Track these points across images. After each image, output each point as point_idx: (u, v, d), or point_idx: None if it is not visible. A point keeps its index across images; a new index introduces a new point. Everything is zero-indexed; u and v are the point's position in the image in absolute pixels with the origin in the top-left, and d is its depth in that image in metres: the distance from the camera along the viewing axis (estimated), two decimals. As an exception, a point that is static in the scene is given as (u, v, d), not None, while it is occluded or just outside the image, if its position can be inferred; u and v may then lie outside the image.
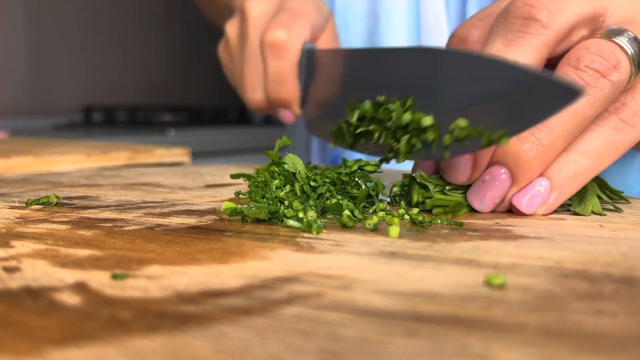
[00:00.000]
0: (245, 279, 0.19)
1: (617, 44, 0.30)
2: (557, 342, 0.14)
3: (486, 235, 0.26)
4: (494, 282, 0.19)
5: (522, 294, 0.18)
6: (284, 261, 0.21)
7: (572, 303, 0.17)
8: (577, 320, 0.16)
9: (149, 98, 1.76)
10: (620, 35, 0.30)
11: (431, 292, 0.18)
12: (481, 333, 0.15)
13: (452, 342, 0.14)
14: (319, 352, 0.13)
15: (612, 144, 0.30)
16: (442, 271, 0.20)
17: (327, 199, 0.31)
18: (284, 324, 0.15)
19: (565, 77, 0.24)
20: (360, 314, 0.16)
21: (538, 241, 0.25)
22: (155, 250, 0.23)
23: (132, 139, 1.14)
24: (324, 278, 0.19)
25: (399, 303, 0.17)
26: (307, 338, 0.14)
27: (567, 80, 0.25)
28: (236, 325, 0.15)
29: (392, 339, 0.14)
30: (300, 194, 0.31)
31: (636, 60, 0.30)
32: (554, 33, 0.30)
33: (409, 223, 0.29)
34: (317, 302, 0.17)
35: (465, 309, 0.16)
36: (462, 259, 0.22)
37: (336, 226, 0.28)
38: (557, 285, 0.19)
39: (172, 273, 0.20)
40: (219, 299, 0.17)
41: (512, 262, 0.21)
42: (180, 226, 0.27)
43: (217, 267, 0.20)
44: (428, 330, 0.15)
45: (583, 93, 0.25)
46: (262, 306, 0.16)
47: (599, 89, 0.29)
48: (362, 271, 0.20)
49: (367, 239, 0.25)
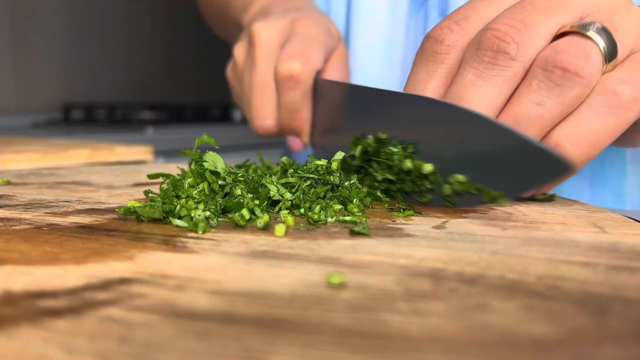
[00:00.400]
0: (85, 280, 0.19)
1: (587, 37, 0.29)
2: (344, 343, 0.14)
3: (372, 234, 0.25)
4: (333, 281, 0.18)
5: (354, 293, 0.18)
6: (145, 262, 0.21)
7: (397, 303, 0.17)
8: (385, 320, 0.15)
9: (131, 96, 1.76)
10: (591, 27, 0.30)
11: (264, 292, 0.18)
12: (276, 333, 0.14)
13: (236, 344, 0.14)
14: (94, 354, 0.13)
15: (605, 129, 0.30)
16: (296, 270, 0.20)
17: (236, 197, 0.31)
18: (85, 326, 0.15)
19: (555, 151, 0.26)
20: (170, 315, 0.16)
21: (419, 240, 0.24)
22: (23, 250, 0.22)
23: (110, 137, 1.15)
24: (166, 278, 0.19)
25: (221, 303, 0.17)
26: (93, 340, 0.14)
27: (557, 153, 0.26)
28: (37, 328, 0.15)
29: (179, 341, 0.14)
30: (208, 192, 0.31)
31: (607, 52, 0.30)
32: (522, 64, 0.30)
33: (304, 221, 0.28)
34: (137, 303, 0.17)
35: (284, 310, 0.16)
36: (328, 257, 0.22)
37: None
38: (398, 284, 0.18)
39: (19, 273, 0.19)
40: (41, 300, 0.17)
41: (373, 260, 0.21)
42: (71, 225, 0.27)
43: (70, 267, 0.20)
44: (224, 331, 0.15)
45: (572, 169, 0.25)
46: (77, 308, 0.16)
47: (568, 87, 0.29)
48: (212, 271, 0.20)
49: (250, 237, 0.25)
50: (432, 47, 0.34)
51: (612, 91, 0.30)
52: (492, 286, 0.18)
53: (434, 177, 0.30)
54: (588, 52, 0.29)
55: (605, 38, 0.30)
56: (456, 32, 0.33)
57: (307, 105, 0.45)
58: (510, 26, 0.30)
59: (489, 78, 0.31)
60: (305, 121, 0.46)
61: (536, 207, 0.32)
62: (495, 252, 0.22)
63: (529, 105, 0.30)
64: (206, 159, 0.34)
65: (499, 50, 0.30)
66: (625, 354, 0.14)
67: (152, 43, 1.85)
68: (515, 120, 0.30)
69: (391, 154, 0.31)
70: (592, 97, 0.30)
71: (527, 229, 0.26)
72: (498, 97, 0.30)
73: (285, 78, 0.44)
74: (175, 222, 0.27)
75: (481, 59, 0.31)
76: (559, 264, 0.21)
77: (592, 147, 0.30)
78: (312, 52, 0.44)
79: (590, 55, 0.29)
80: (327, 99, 0.43)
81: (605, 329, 0.15)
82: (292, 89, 0.44)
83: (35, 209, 0.31)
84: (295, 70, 0.43)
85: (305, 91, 0.44)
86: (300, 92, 0.44)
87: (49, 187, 0.38)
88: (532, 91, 0.30)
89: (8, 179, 0.41)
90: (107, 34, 1.72)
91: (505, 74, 0.30)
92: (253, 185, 0.32)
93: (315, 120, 0.46)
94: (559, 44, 0.30)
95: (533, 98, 0.30)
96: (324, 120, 0.44)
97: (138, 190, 0.38)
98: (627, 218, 0.29)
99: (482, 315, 0.16)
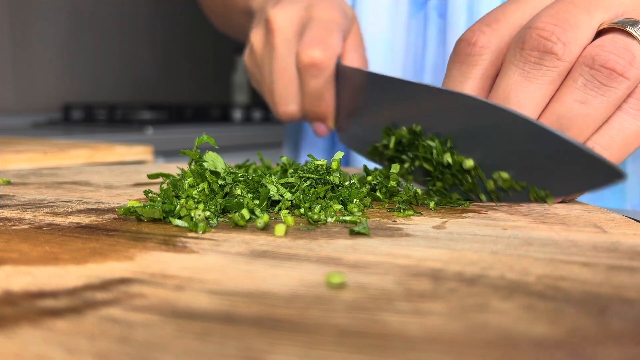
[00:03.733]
0: (85, 280, 0.19)
1: (631, 35, 0.29)
2: (344, 343, 0.14)
3: (371, 234, 0.25)
4: (333, 281, 0.18)
5: (354, 293, 0.18)
6: (145, 262, 0.21)
7: (397, 303, 0.17)
8: (385, 320, 0.15)
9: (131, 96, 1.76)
10: (635, 25, 0.30)
11: (264, 292, 0.18)
12: (276, 333, 0.14)
13: (236, 344, 0.14)
14: (94, 354, 0.13)
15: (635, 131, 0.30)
16: (296, 270, 0.20)
17: (236, 197, 0.31)
18: (85, 326, 0.15)
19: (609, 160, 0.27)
20: (170, 315, 0.16)
21: (419, 240, 0.24)
22: (23, 250, 0.22)
23: (110, 137, 1.15)
24: (166, 278, 0.19)
25: (221, 303, 0.17)
26: (93, 340, 0.14)
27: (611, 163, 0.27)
28: (37, 328, 0.15)
29: (179, 341, 0.14)
30: (208, 192, 0.31)
31: None
32: (568, 64, 0.30)
33: (304, 221, 0.28)
34: (137, 303, 0.17)
35: (284, 310, 0.16)
36: (328, 257, 0.22)
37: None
38: (397, 284, 0.18)
39: (19, 273, 0.19)
40: (41, 300, 0.17)
41: (373, 260, 0.21)
42: (71, 225, 0.27)
43: (69, 267, 0.20)
44: (224, 331, 0.15)
45: (625, 177, 0.26)
46: (77, 308, 0.16)
47: (614, 88, 0.29)
48: (212, 271, 0.20)
49: (250, 237, 0.25)
50: (464, 49, 0.34)
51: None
52: (492, 286, 0.18)
53: (475, 172, 0.30)
54: (634, 52, 0.29)
55: None
56: (488, 34, 0.33)
57: (330, 91, 0.45)
58: (555, 25, 0.30)
59: (535, 78, 0.30)
60: (330, 106, 0.46)
61: (536, 207, 0.32)
62: (495, 252, 0.22)
63: (573, 104, 0.30)
64: (206, 159, 0.34)
65: (546, 50, 0.30)
66: (625, 354, 0.14)
67: (152, 43, 1.85)
68: (560, 119, 0.30)
69: (428, 147, 0.32)
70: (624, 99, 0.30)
71: (527, 229, 0.26)
72: (545, 96, 0.30)
73: (308, 66, 0.44)
74: (175, 222, 0.27)
75: (527, 59, 0.30)
76: (559, 264, 0.21)
77: (622, 149, 0.30)
78: (332, 37, 0.44)
79: (636, 56, 0.29)
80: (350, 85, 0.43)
81: (605, 329, 0.15)
82: (315, 77, 0.44)
83: (35, 209, 0.31)
84: (317, 58, 0.44)
85: (328, 77, 0.45)
86: (323, 78, 0.45)
87: (49, 187, 0.38)
88: (577, 89, 0.30)
89: (8, 179, 0.41)
90: (107, 34, 1.72)
91: (552, 74, 0.30)
92: (253, 185, 0.32)
93: (339, 104, 0.46)
94: (605, 42, 0.29)
95: (578, 96, 0.29)
96: (348, 105, 0.44)
97: (138, 190, 0.38)
98: (627, 218, 0.29)
99: (482, 315, 0.16)
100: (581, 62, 0.30)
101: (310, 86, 0.45)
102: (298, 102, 0.47)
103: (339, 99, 0.46)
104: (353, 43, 0.48)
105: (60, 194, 0.36)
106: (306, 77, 0.45)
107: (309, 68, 0.44)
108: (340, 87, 0.45)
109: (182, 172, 0.38)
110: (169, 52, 1.88)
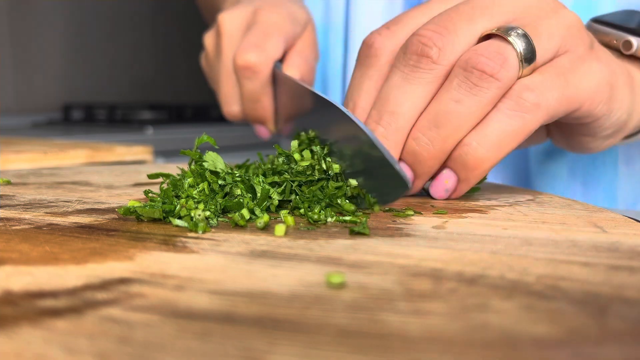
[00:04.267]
0: (85, 280, 0.19)
1: (507, 40, 0.31)
2: (344, 343, 0.14)
3: (371, 234, 0.25)
4: (333, 281, 0.18)
5: (354, 293, 0.18)
6: (145, 262, 0.21)
7: (397, 302, 0.17)
8: (385, 320, 0.15)
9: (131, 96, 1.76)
10: (511, 31, 0.31)
11: (264, 292, 0.18)
12: (276, 333, 0.14)
13: (236, 344, 0.14)
14: (94, 354, 0.13)
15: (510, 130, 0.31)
16: (296, 270, 0.20)
17: (236, 197, 0.31)
18: (85, 326, 0.15)
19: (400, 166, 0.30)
20: (170, 315, 0.16)
21: (419, 240, 0.24)
22: (23, 250, 0.22)
23: (110, 137, 1.15)
24: (166, 278, 0.19)
25: (221, 303, 0.17)
26: (93, 340, 0.14)
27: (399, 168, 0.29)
28: (37, 328, 0.15)
29: (179, 341, 0.14)
30: (208, 192, 0.31)
31: (524, 55, 0.31)
32: (444, 66, 0.32)
33: (304, 221, 0.28)
34: (137, 303, 0.17)
35: (284, 310, 0.16)
36: (328, 257, 0.22)
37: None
38: (398, 284, 0.18)
39: (18, 273, 0.19)
40: (41, 300, 0.17)
41: (373, 260, 0.21)
42: (71, 225, 0.27)
43: (69, 267, 0.20)
44: (224, 331, 0.15)
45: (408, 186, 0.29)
46: (77, 308, 0.16)
47: (485, 88, 0.30)
48: (212, 271, 0.20)
49: (250, 237, 0.25)
50: (364, 51, 0.36)
51: (517, 95, 0.31)
52: (492, 286, 0.18)
53: (341, 178, 0.32)
54: (505, 55, 0.31)
55: (524, 42, 0.31)
56: (384, 36, 0.35)
57: (267, 94, 0.47)
58: (434, 31, 0.32)
59: (413, 80, 0.32)
60: (267, 109, 0.48)
61: (536, 207, 0.32)
62: (495, 252, 0.22)
63: (449, 102, 0.31)
64: (206, 159, 0.34)
65: (422, 54, 0.32)
66: (625, 354, 0.14)
67: (152, 43, 1.85)
68: (436, 116, 0.31)
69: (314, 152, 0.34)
70: (500, 100, 0.31)
71: (527, 229, 0.26)
72: (422, 97, 0.32)
73: (243, 69, 0.46)
74: (175, 222, 0.27)
75: (407, 62, 0.32)
76: (559, 264, 0.21)
77: (497, 147, 0.31)
78: (270, 42, 0.46)
79: (508, 59, 0.31)
80: (284, 90, 0.45)
81: (605, 329, 0.15)
82: (249, 79, 0.46)
83: (35, 209, 0.31)
84: (251, 61, 0.45)
85: (263, 81, 0.46)
86: (258, 82, 0.46)
87: (49, 187, 0.38)
88: (452, 89, 0.31)
89: (8, 179, 0.41)
90: (107, 34, 1.72)
91: (428, 75, 0.32)
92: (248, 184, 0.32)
93: (279, 108, 0.48)
94: (480, 47, 0.31)
95: (453, 96, 0.31)
96: (285, 109, 0.46)
97: (138, 190, 0.38)
98: (627, 218, 0.29)
99: (482, 315, 0.16)
100: (458, 65, 0.31)
101: (246, 89, 0.47)
102: (240, 104, 0.49)
103: (278, 103, 0.48)
104: (300, 47, 0.50)
105: (60, 194, 0.36)
106: (242, 79, 0.47)
107: (243, 71, 0.46)
108: (278, 91, 0.47)
109: (182, 172, 0.37)
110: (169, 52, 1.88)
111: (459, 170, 0.32)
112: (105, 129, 1.28)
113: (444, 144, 0.31)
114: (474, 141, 0.31)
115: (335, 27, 0.60)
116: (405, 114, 0.32)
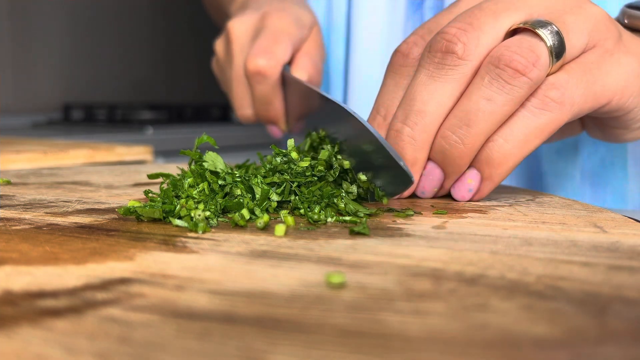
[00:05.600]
0: (85, 280, 0.19)
1: (539, 36, 0.31)
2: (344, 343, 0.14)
3: (371, 234, 0.26)
4: (333, 281, 0.18)
5: (354, 293, 0.18)
6: (145, 262, 0.21)
7: (397, 302, 0.17)
8: (385, 320, 0.15)
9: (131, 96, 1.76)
10: (544, 27, 0.31)
11: (264, 292, 0.18)
12: (276, 333, 0.14)
13: (236, 344, 0.14)
14: (94, 354, 0.13)
15: (535, 127, 0.31)
16: (296, 270, 0.20)
17: (236, 197, 0.31)
18: (85, 326, 0.15)
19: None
20: (170, 315, 0.16)
21: (419, 240, 0.24)
22: (23, 250, 0.22)
23: (110, 137, 1.15)
24: (166, 278, 0.19)
25: (221, 303, 0.17)
26: (93, 340, 0.14)
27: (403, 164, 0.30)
28: (37, 328, 0.15)
29: (179, 341, 0.14)
30: (208, 192, 0.31)
31: (554, 51, 0.31)
32: (470, 63, 0.31)
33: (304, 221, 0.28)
34: (137, 303, 0.17)
35: (284, 309, 0.16)
36: (328, 257, 0.22)
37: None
38: (398, 284, 0.18)
39: (19, 273, 0.19)
40: (41, 300, 0.17)
41: (373, 260, 0.21)
42: (71, 225, 0.27)
43: (69, 267, 0.20)
44: (224, 331, 0.15)
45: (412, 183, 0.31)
46: (77, 308, 0.16)
47: (517, 87, 0.30)
48: (212, 271, 0.20)
49: (250, 237, 0.25)
50: (399, 61, 0.35)
51: (543, 94, 0.31)
52: (492, 286, 0.18)
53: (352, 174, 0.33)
54: (538, 53, 0.30)
55: (555, 37, 0.31)
56: (420, 46, 0.35)
57: (277, 96, 0.49)
58: (458, 28, 0.32)
59: (438, 77, 0.32)
60: (278, 111, 0.50)
61: (536, 207, 0.32)
62: (495, 252, 0.22)
63: (479, 100, 0.31)
64: (206, 159, 0.34)
65: (447, 50, 0.31)
66: (625, 354, 0.14)
67: (152, 43, 1.85)
68: (467, 114, 0.31)
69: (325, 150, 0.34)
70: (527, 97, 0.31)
71: (527, 229, 0.26)
72: (448, 95, 0.32)
73: (254, 73, 0.48)
74: (175, 222, 0.27)
75: (432, 60, 0.32)
76: (559, 263, 0.21)
77: (523, 143, 0.31)
78: (278, 47, 0.48)
79: (540, 57, 0.30)
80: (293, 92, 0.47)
81: (605, 329, 0.15)
82: (260, 83, 0.48)
83: (35, 209, 0.31)
84: (262, 66, 0.47)
85: (273, 84, 0.48)
86: (268, 85, 0.48)
87: (49, 187, 0.39)
88: (483, 86, 0.31)
89: (8, 179, 0.41)
90: (106, 34, 1.72)
91: (454, 72, 0.31)
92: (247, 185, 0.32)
93: (289, 109, 0.50)
94: (511, 42, 0.31)
95: (484, 93, 0.31)
96: (295, 109, 0.49)
97: (138, 190, 0.38)
98: (627, 218, 0.29)
99: (482, 315, 0.16)
100: (488, 62, 0.31)
101: (257, 92, 0.49)
102: (252, 107, 0.51)
103: (288, 103, 0.50)
104: (306, 49, 0.51)
105: (60, 194, 0.36)
106: (253, 83, 0.49)
107: (254, 75, 0.48)
108: (288, 93, 0.50)
109: (182, 172, 0.37)
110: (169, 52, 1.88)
111: (483, 168, 0.32)
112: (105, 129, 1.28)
113: (474, 143, 0.31)
114: (500, 138, 0.31)
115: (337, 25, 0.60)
116: (432, 112, 0.32)
